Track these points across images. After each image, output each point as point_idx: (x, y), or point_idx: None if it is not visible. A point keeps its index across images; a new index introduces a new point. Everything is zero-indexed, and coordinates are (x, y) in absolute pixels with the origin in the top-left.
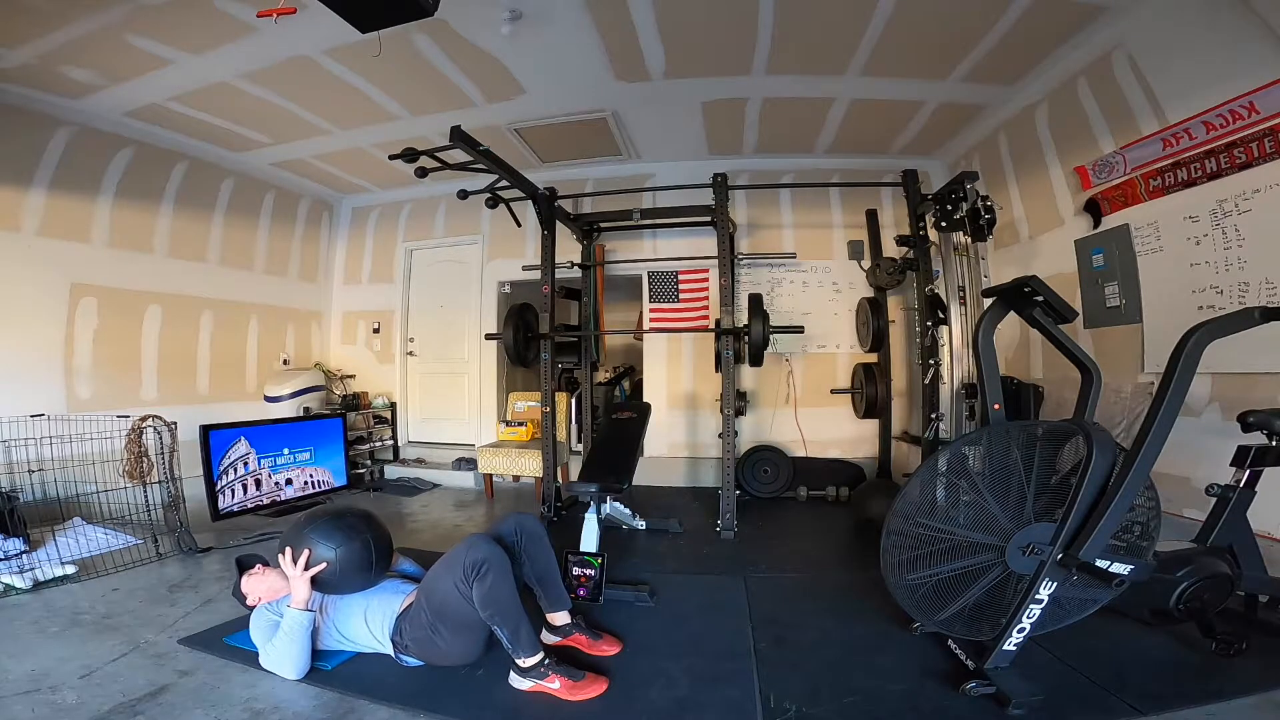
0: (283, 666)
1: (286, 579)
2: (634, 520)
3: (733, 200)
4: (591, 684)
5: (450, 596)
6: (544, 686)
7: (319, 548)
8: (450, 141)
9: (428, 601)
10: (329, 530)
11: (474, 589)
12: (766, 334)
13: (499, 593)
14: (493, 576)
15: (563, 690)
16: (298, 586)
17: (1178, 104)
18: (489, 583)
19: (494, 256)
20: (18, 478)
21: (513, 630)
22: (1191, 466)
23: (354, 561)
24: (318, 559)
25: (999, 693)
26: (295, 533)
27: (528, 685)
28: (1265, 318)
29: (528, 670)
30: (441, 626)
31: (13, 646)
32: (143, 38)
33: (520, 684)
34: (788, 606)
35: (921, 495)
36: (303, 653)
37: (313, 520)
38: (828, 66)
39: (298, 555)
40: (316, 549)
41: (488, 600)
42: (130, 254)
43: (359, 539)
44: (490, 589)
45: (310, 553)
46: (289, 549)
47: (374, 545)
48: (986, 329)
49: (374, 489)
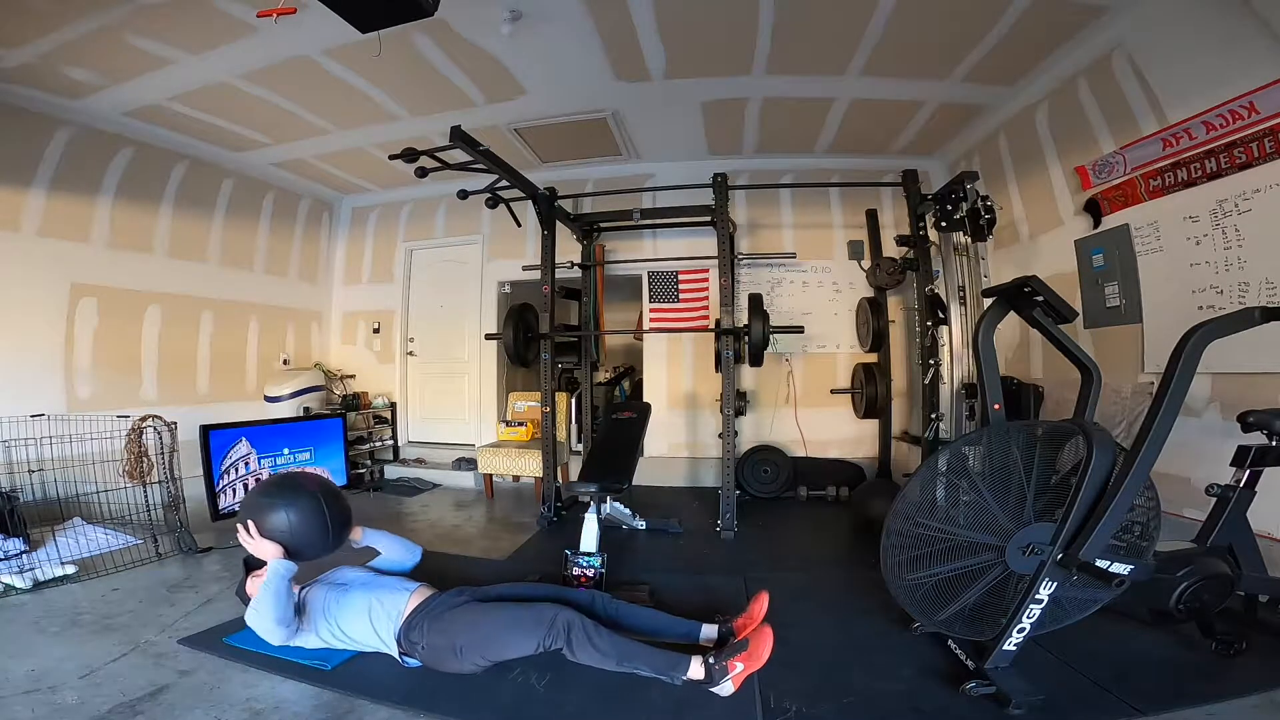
0: (264, 621)
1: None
2: (634, 520)
3: (733, 200)
4: (759, 637)
5: (520, 641)
6: (737, 677)
7: (272, 514)
8: (450, 141)
9: (467, 634)
10: (276, 494)
11: (573, 649)
12: (766, 334)
13: (605, 645)
14: (583, 633)
15: (750, 661)
16: (264, 550)
17: (1178, 104)
18: (598, 643)
19: (494, 256)
20: (18, 478)
21: (650, 666)
22: (1191, 466)
23: (308, 520)
24: (273, 524)
25: (999, 693)
26: (247, 504)
27: (727, 688)
28: (1265, 318)
29: (712, 678)
30: (471, 654)
31: (13, 646)
32: (143, 38)
33: (722, 690)
34: (788, 606)
35: (921, 495)
36: (281, 605)
37: (262, 488)
38: (828, 66)
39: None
40: (270, 515)
41: (596, 654)
42: (130, 254)
43: (308, 497)
44: (593, 647)
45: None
46: (248, 523)
47: (325, 501)
48: (986, 329)
49: (374, 489)
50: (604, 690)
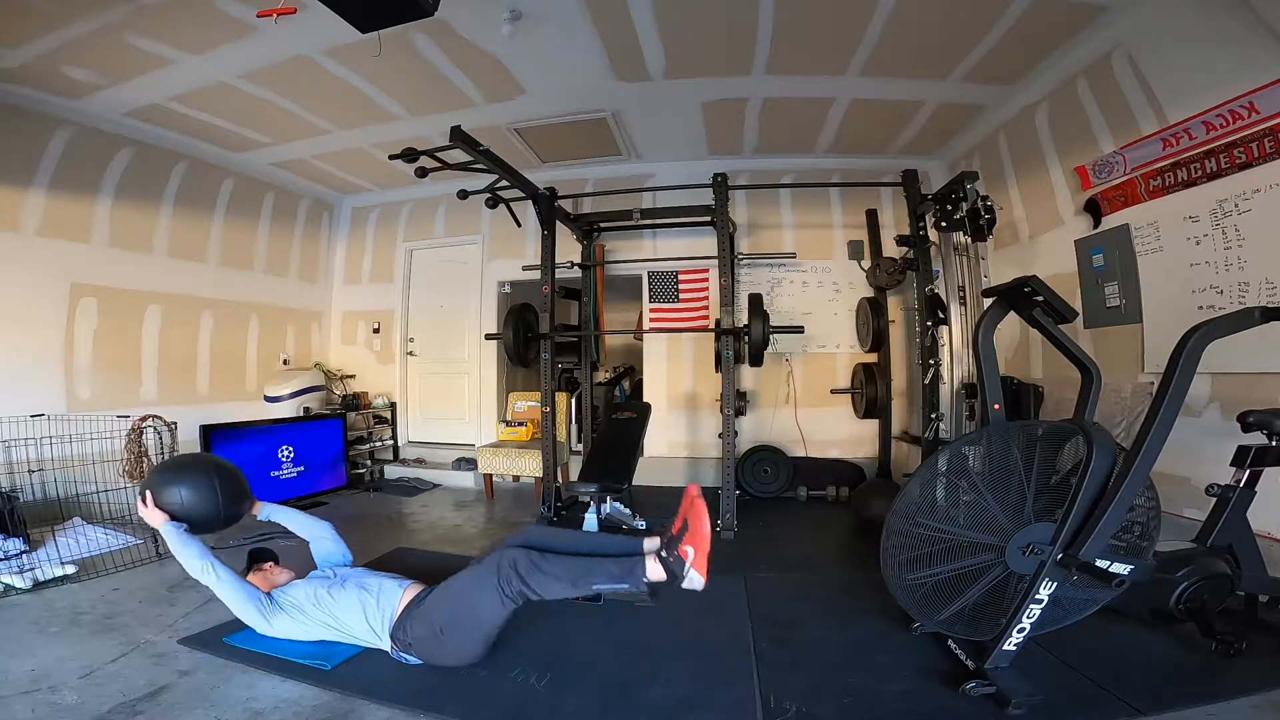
0: (189, 564)
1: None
2: (634, 520)
3: (733, 200)
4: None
5: (481, 602)
6: (697, 563)
7: (168, 489)
8: (450, 141)
9: (443, 605)
10: (174, 472)
11: (528, 584)
12: (766, 334)
13: (554, 568)
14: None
15: (696, 541)
16: (152, 518)
17: (1178, 104)
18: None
19: (494, 256)
20: (18, 478)
21: (607, 575)
22: (1191, 466)
23: (201, 496)
24: (167, 498)
25: (999, 692)
26: (149, 479)
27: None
28: (1265, 318)
29: (674, 572)
30: (453, 631)
31: (13, 646)
32: (143, 38)
33: (691, 582)
34: (788, 606)
35: (921, 495)
36: (190, 548)
37: (162, 466)
38: (828, 66)
39: (150, 499)
40: (166, 490)
41: (550, 579)
42: (130, 254)
43: (202, 476)
44: (542, 573)
45: (154, 493)
46: (146, 493)
47: (218, 479)
48: (986, 329)
49: (374, 489)
50: (604, 690)
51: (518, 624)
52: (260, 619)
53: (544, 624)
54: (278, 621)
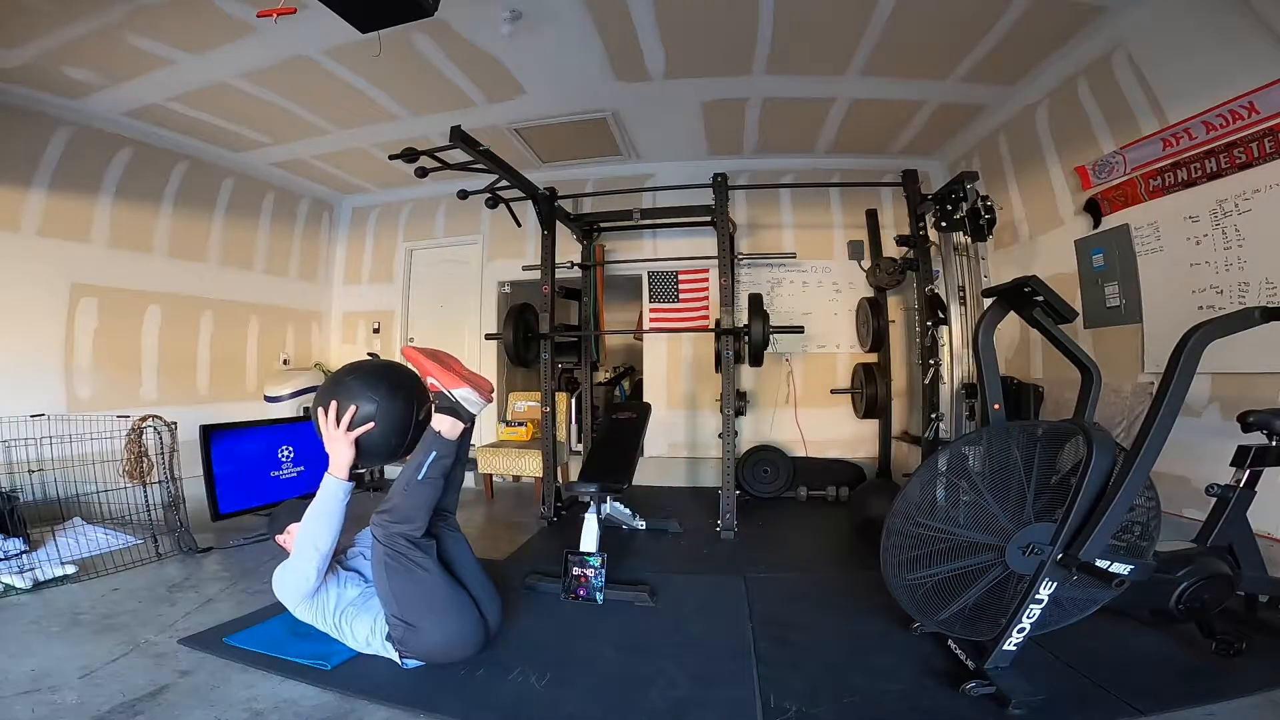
0: (306, 545)
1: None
2: (634, 520)
3: (733, 200)
4: (416, 364)
5: (395, 576)
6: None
7: (364, 403)
8: (450, 141)
9: (387, 601)
10: (374, 382)
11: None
12: (766, 334)
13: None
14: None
15: (428, 370)
16: (339, 449)
17: (1178, 104)
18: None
19: (494, 256)
20: (18, 478)
21: (417, 464)
22: (1191, 466)
23: (394, 423)
24: (363, 417)
25: (999, 693)
26: (340, 386)
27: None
28: (1265, 318)
29: (443, 408)
30: (412, 615)
31: (13, 646)
32: (143, 38)
33: (468, 400)
34: (788, 606)
35: (921, 495)
36: (332, 534)
37: (356, 370)
38: (828, 66)
39: (342, 411)
40: (362, 405)
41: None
42: (130, 254)
43: (403, 397)
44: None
45: (356, 409)
46: (332, 404)
47: (416, 407)
48: (986, 329)
49: (374, 489)
50: (604, 690)
51: (518, 624)
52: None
53: (544, 624)
54: (304, 610)
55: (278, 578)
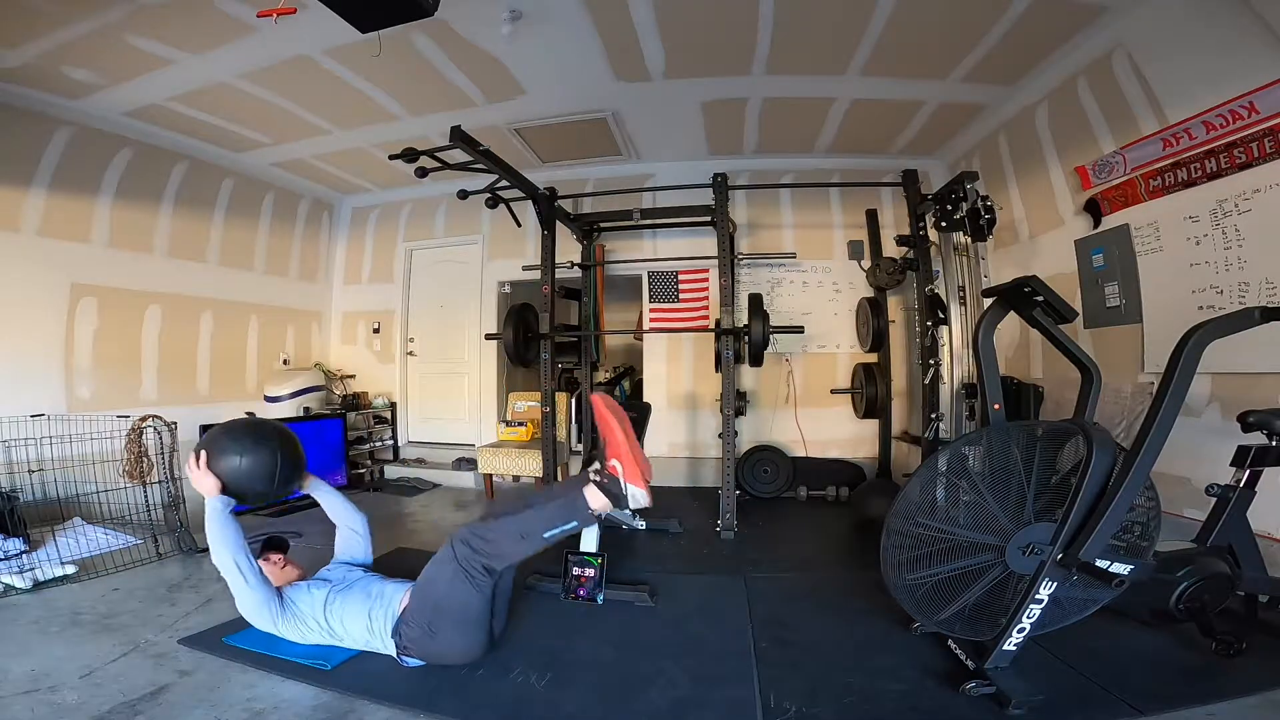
0: (220, 555)
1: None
2: (634, 520)
3: (733, 200)
4: (604, 428)
5: (451, 589)
6: (629, 475)
7: (227, 456)
8: (450, 141)
9: (423, 602)
10: (238, 437)
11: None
12: (766, 334)
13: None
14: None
15: (618, 452)
16: (202, 484)
17: (1178, 104)
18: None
19: (494, 256)
20: (18, 478)
21: (550, 520)
22: (1191, 466)
23: (259, 469)
24: (224, 464)
25: (999, 692)
26: (209, 437)
27: (638, 495)
28: (1265, 318)
29: (614, 492)
30: (440, 624)
31: (13, 646)
32: (143, 38)
33: (636, 498)
34: (788, 606)
35: (921, 495)
36: (227, 537)
37: (226, 428)
38: (828, 66)
39: (203, 460)
40: (225, 456)
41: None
42: (130, 254)
43: (267, 449)
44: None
45: (210, 454)
46: (201, 453)
47: (282, 452)
48: (986, 329)
49: (374, 489)
50: (604, 690)
51: (518, 624)
52: (269, 623)
53: (544, 624)
54: (284, 626)
55: (241, 609)
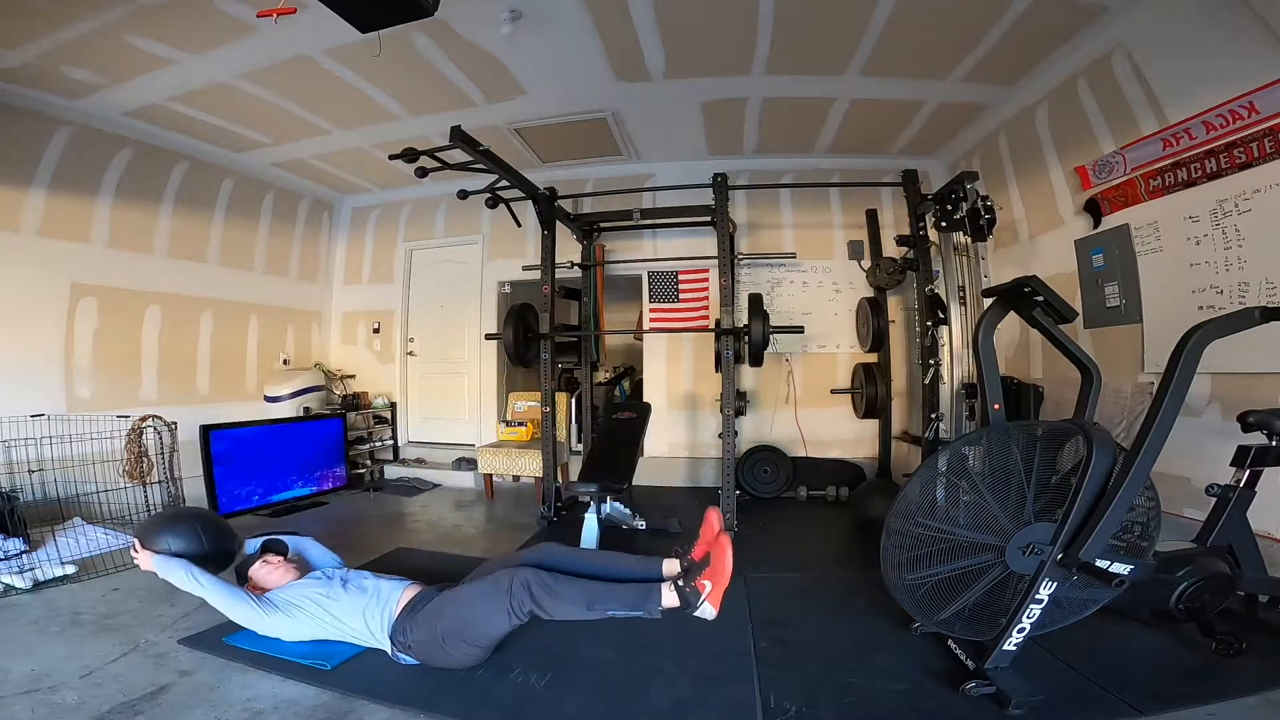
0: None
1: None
2: (634, 520)
3: (733, 200)
4: (718, 549)
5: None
6: (712, 596)
7: (156, 537)
8: (450, 141)
9: (450, 613)
10: (159, 522)
11: (540, 605)
12: (766, 334)
13: (567, 590)
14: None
15: (716, 576)
16: (143, 562)
17: (1178, 104)
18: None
19: (494, 256)
20: (18, 478)
21: (621, 601)
22: (1191, 466)
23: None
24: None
25: (999, 692)
26: (142, 529)
27: (708, 610)
28: (1265, 318)
29: (688, 602)
30: (456, 639)
31: (13, 646)
32: (143, 38)
33: (704, 612)
34: (788, 606)
35: (921, 495)
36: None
37: (148, 520)
38: (828, 66)
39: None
40: (153, 538)
41: (563, 602)
42: (130, 254)
43: (185, 523)
44: (555, 596)
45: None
46: (137, 540)
47: (200, 524)
48: (986, 329)
49: (374, 489)
50: (604, 690)
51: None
52: (257, 617)
53: (544, 624)
54: (274, 620)
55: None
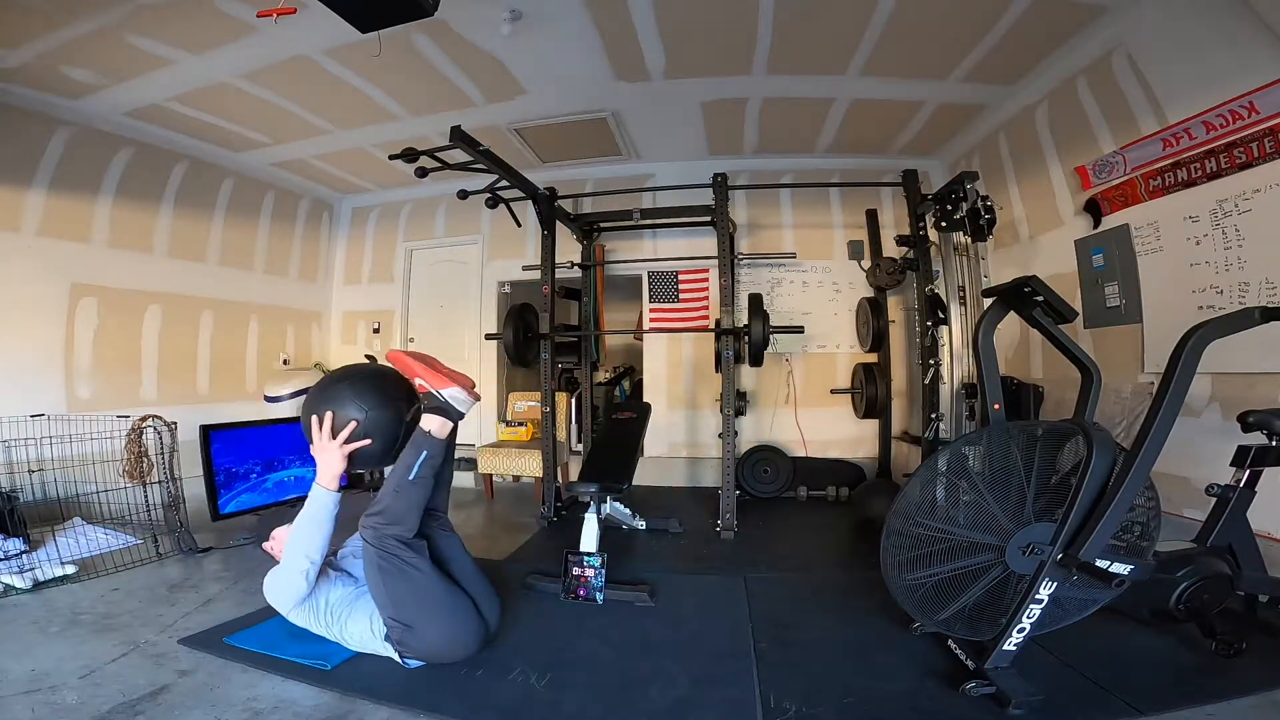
0: (299, 549)
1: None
2: (634, 520)
3: (733, 200)
4: (399, 365)
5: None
6: (435, 384)
7: (359, 414)
8: (450, 141)
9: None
10: (366, 390)
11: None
12: (766, 334)
13: (381, 501)
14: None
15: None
16: (332, 460)
17: (1178, 104)
18: (374, 508)
19: (494, 256)
20: (18, 478)
21: (406, 463)
22: (1191, 466)
23: (385, 433)
24: (360, 432)
25: (999, 693)
26: (332, 397)
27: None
28: (1265, 318)
29: (433, 407)
30: (409, 616)
31: (13, 646)
32: (143, 38)
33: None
34: (788, 606)
35: (921, 495)
36: (323, 543)
37: (349, 378)
38: (828, 66)
39: (339, 424)
40: (358, 417)
41: (387, 508)
42: (130, 254)
43: (393, 407)
44: (379, 513)
45: (356, 424)
46: (327, 415)
47: (406, 414)
48: (986, 329)
49: (374, 489)
50: (604, 690)
51: (518, 624)
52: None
53: (544, 624)
54: (297, 613)
55: (269, 584)
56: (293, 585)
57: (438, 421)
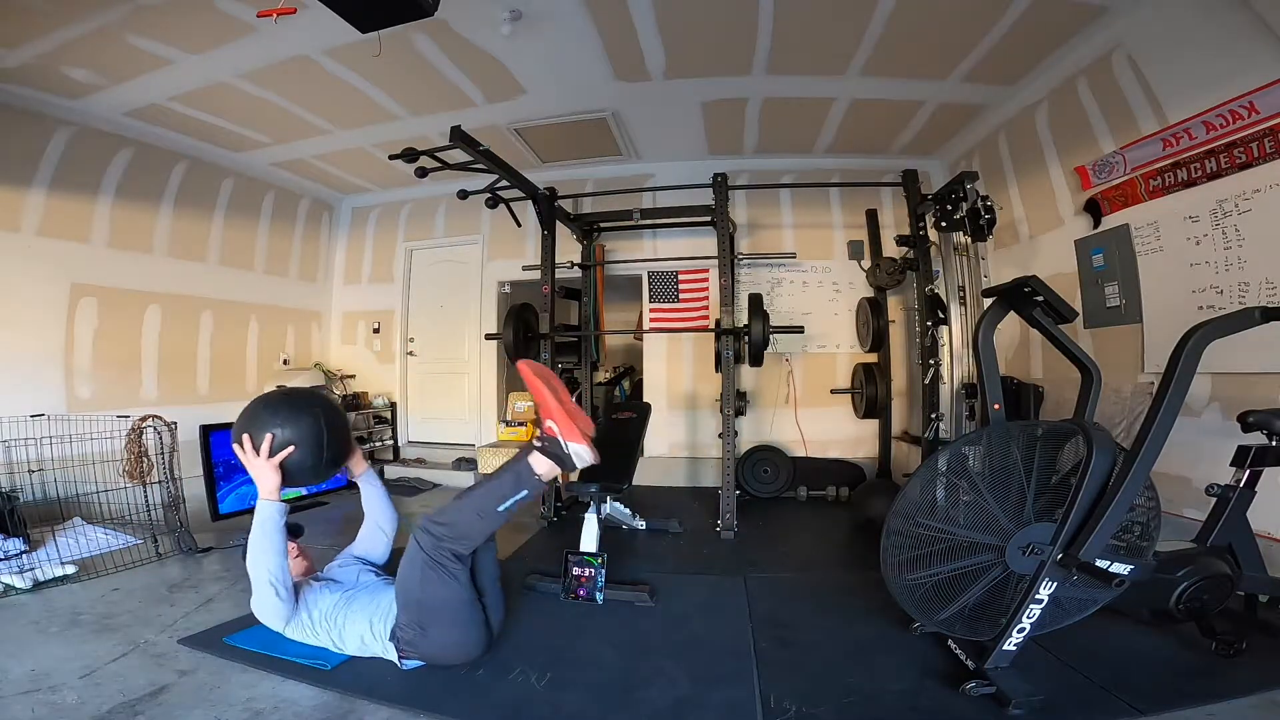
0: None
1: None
2: (634, 520)
3: (733, 200)
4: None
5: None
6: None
7: (278, 429)
8: (450, 141)
9: (406, 601)
10: (279, 408)
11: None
12: (766, 334)
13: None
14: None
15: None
16: (265, 475)
17: (1178, 104)
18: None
19: (494, 256)
20: (18, 478)
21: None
22: (1191, 466)
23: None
24: (281, 442)
25: (999, 693)
26: (249, 418)
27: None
28: (1265, 318)
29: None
30: (428, 621)
31: (13, 646)
32: (143, 38)
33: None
34: (788, 606)
35: (921, 495)
36: (278, 556)
37: (265, 403)
38: (828, 66)
39: (258, 442)
40: (277, 431)
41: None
42: (130, 254)
43: (309, 414)
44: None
45: (274, 436)
46: (246, 436)
47: (325, 420)
48: (986, 329)
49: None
50: (604, 690)
51: (518, 624)
52: (279, 626)
53: (544, 624)
54: (292, 629)
55: (254, 608)
56: (268, 602)
57: (547, 465)
